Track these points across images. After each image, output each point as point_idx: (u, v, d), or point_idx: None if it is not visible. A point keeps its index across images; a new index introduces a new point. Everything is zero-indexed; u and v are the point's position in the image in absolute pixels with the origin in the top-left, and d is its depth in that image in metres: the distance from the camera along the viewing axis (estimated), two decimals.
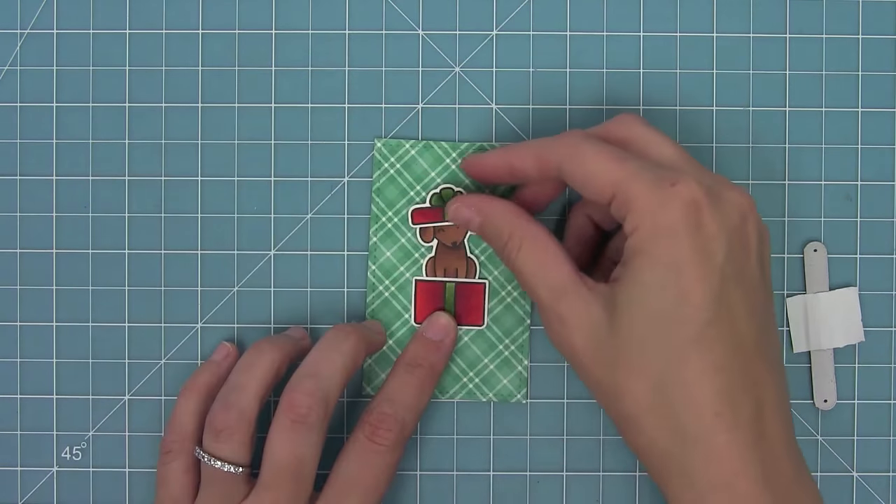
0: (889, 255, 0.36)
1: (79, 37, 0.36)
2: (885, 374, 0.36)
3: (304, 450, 0.30)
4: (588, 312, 0.29)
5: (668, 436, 0.27)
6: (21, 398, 0.36)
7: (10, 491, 0.36)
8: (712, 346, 0.27)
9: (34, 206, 0.36)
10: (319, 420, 0.30)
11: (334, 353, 0.32)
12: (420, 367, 0.33)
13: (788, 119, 0.36)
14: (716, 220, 0.27)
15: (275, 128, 0.36)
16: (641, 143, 0.30)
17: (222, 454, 0.31)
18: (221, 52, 0.36)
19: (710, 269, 0.27)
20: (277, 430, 0.30)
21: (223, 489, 0.31)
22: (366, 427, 0.31)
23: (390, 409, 0.32)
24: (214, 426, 0.31)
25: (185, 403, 0.33)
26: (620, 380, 0.28)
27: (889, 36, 0.36)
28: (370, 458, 0.31)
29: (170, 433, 0.33)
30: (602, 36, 0.36)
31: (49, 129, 0.36)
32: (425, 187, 0.35)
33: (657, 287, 0.27)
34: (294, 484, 0.30)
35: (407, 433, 0.32)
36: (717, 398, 0.27)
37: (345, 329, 0.33)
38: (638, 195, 0.28)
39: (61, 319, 0.36)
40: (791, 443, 0.28)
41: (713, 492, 0.27)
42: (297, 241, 0.36)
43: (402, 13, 0.36)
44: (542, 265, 0.30)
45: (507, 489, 0.36)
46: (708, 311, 0.27)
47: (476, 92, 0.36)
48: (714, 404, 0.27)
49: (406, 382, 0.33)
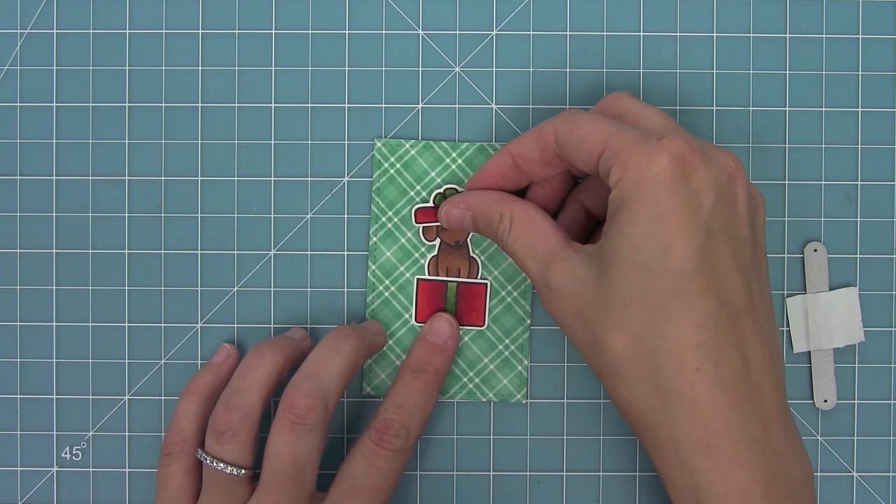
0: (889, 255, 0.36)
1: (79, 37, 0.36)
2: (885, 374, 0.36)
3: (304, 451, 0.30)
4: (574, 275, 0.29)
5: (651, 391, 0.27)
6: (21, 398, 0.36)
7: (10, 491, 0.36)
8: (694, 300, 0.27)
9: (34, 206, 0.36)
10: (319, 421, 0.30)
11: (334, 354, 0.32)
12: (425, 372, 0.33)
13: (788, 119, 0.36)
14: (702, 176, 0.27)
15: (275, 128, 0.36)
16: (632, 114, 0.30)
17: (225, 456, 0.31)
18: (221, 52, 0.36)
19: (694, 222, 0.27)
20: (277, 431, 0.30)
21: (225, 492, 0.31)
22: (373, 433, 0.32)
23: (397, 414, 0.32)
24: (217, 428, 0.31)
25: (185, 405, 0.33)
26: (602, 333, 0.28)
27: (889, 36, 0.36)
28: (377, 462, 0.31)
29: (170, 435, 0.33)
30: (602, 36, 0.36)
31: (49, 129, 0.36)
32: (425, 187, 0.35)
33: (640, 238, 0.27)
34: (294, 486, 0.30)
35: (413, 438, 0.32)
36: (698, 353, 0.27)
37: (344, 331, 0.33)
38: (624, 147, 0.28)
39: (61, 319, 0.36)
40: (782, 407, 0.28)
41: (697, 455, 0.27)
42: (297, 241, 0.36)
43: (402, 13, 0.36)
44: (530, 238, 0.30)
45: (507, 489, 0.36)
46: (691, 263, 0.27)
47: (476, 92, 0.36)
48: (695, 359, 0.27)
49: (412, 388, 0.33)
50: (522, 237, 0.30)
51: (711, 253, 0.27)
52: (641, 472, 0.36)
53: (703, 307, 0.27)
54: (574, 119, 0.30)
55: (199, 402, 0.33)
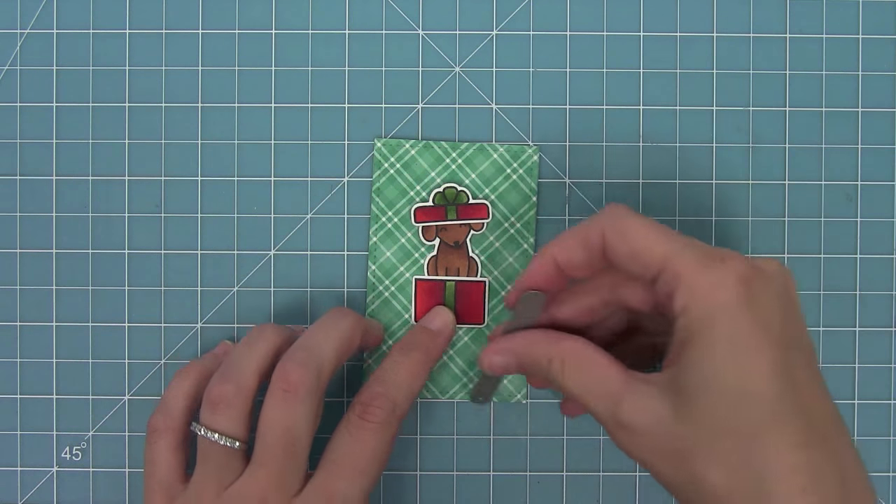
0: (889, 255, 0.36)
1: (79, 37, 0.36)
2: (885, 374, 0.36)
3: (296, 421, 0.30)
4: (651, 411, 0.27)
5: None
6: (21, 398, 0.36)
7: (10, 491, 0.36)
8: (787, 422, 0.26)
9: (34, 206, 0.36)
10: (310, 392, 0.30)
11: (331, 329, 0.32)
12: (415, 350, 0.33)
13: (788, 119, 0.36)
14: (768, 293, 0.27)
15: (275, 128, 0.36)
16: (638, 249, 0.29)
17: (218, 426, 0.30)
18: (221, 52, 0.36)
19: (771, 342, 0.26)
20: (269, 401, 0.30)
21: (218, 465, 0.30)
22: (356, 407, 0.31)
23: (381, 387, 0.31)
24: (211, 398, 0.30)
25: (178, 383, 0.32)
26: (697, 469, 0.27)
27: (889, 36, 0.36)
28: (361, 435, 0.31)
29: (157, 412, 0.32)
30: (602, 36, 0.36)
31: (49, 129, 0.36)
32: (425, 187, 0.35)
33: (721, 366, 0.26)
34: (287, 458, 0.30)
35: (399, 413, 0.32)
36: (800, 474, 0.26)
37: (343, 310, 0.33)
38: (685, 269, 0.27)
39: (61, 319, 0.36)
40: (865, 484, 0.27)
41: None
42: (297, 241, 0.36)
43: (402, 13, 0.36)
44: (589, 378, 0.29)
45: (507, 489, 0.36)
46: (775, 385, 0.26)
47: (476, 92, 0.36)
48: (799, 481, 0.26)
49: (399, 363, 0.32)
50: (580, 378, 0.29)
51: (791, 369, 0.27)
52: (641, 472, 0.36)
53: (797, 427, 0.26)
54: (625, 226, 0.28)
55: (192, 383, 0.32)
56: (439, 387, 0.35)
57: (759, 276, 0.27)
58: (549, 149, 0.36)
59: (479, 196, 0.35)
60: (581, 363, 0.29)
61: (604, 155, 0.36)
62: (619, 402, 0.28)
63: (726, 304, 0.26)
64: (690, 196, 0.36)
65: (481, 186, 0.35)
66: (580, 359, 0.29)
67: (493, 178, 0.35)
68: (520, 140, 0.36)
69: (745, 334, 0.26)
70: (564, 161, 0.36)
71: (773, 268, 0.28)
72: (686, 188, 0.36)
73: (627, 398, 0.28)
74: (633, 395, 0.28)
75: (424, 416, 0.36)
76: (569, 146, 0.36)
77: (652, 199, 0.36)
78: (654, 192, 0.36)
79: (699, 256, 0.27)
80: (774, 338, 0.27)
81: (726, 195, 0.36)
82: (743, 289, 0.27)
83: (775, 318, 0.27)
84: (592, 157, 0.36)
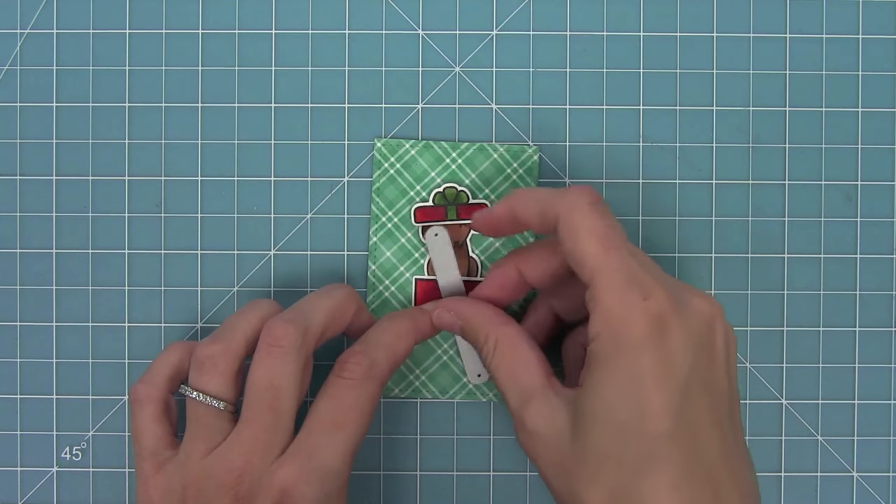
0: (889, 255, 0.36)
1: (79, 37, 0.36)
2: (885, 374, 0.36)
3: (281, 377, 0.30)
4: (551, 421, 0.28)
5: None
6: (21, 398, 0.36)
7: (10, 491, 0.36)
8: (670, 461, 0.26)
9: (34, 206, 0.36)
10: (295, 347, 0.30)
11: (322, 296, 0.32)
12: (402, 317, 0.33)
13: (788, 119, 0.36)
14: (682, 332, 0.27)
15: (275, 128, 0.36)
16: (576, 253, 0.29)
17: (205, 387, 0.30)
18: (221, 52, 0.36)
19: (671, 383, 0.27)
20: (255, 359, 0.30)
21: (206, 427, 0.30)
22: (335, 366, 0.31)
23: (360, 346, 0.31)
24: (198, 357, 0.30)
25: (165, 355, 0.32)
26: (580, 490, 0.27)
27: (889, 36, 0.36)
28: (338, 392, 0.30)
29: (139, 381, 0.32)
30: (602, 36, 0.36)
31: (49, 129, 0.36)
32: (425, 187, 0.35)
33: (617, 398, 0.27)
34: (271, 415, 0.29)
35: (378, 371, 0.31)
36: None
37: (339, 283, 0.33)
38: (606, 298, 0.27)
39: (61, 319, 0.36)
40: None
41: None
42: (297, 241, 0.36)
43: (402, 13, 0.36)
44: (512, 368, 0.30)
45: (507, 489, 0.36)
46: (665, 425, 0.26)
47: (476, 92, 0.36)
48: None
49: (384, 328, 0.32)
50: (504, 365, 0.30)
51: (688, 412, 0.27)
52: None
53: (678, 468, 0.26)
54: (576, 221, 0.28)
55: (180, 356, 0.32)
56: (439, 387, 0.35)
57: (677, 316, 0.27)
58: (549, 149, 0.36)
59: (479, 196, 0.35)
60: (511, 351, 0.30)
61: (604, 155, 0.36)
62: (528, 403, 0.29)
63: (635, 340, 0.27)
64: (690, 196, 0.36)
65: (481, 186, 0.35)
66: (512, 347, 0.30)
67: (493, 178, 0.35)
68: (520, 140, 0.36)
69: (647, 373, 0.27)
70: (564, 161, 0.36)
71: (698, 303, 0.28)
72: (686, 188, 0.36)
73: (536, 402, 0.29)
74: (542, 400, 0.29)
75: (424, 416, 0.36)
76: (569, 146, 0.36)
77: (652, 199, 0.36)
78: (653, 192, 0.36)
79: (623, 284, 0.27)
80: (676, 380, 0.27)
81: (726, 195, 0.36)
82: (655, 327, 0.27)
83: (683, 360, 0.27)
84: (592, 157, 0.36)
